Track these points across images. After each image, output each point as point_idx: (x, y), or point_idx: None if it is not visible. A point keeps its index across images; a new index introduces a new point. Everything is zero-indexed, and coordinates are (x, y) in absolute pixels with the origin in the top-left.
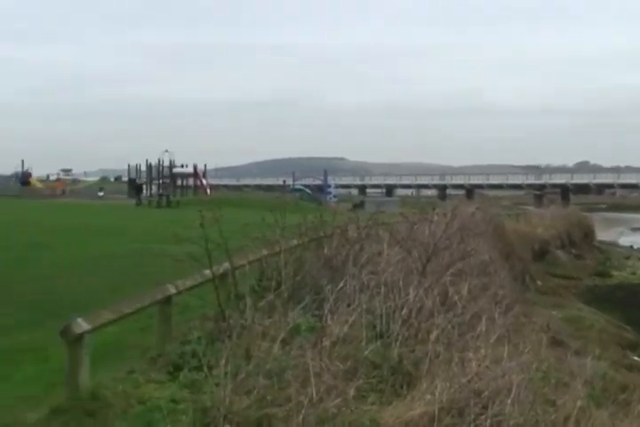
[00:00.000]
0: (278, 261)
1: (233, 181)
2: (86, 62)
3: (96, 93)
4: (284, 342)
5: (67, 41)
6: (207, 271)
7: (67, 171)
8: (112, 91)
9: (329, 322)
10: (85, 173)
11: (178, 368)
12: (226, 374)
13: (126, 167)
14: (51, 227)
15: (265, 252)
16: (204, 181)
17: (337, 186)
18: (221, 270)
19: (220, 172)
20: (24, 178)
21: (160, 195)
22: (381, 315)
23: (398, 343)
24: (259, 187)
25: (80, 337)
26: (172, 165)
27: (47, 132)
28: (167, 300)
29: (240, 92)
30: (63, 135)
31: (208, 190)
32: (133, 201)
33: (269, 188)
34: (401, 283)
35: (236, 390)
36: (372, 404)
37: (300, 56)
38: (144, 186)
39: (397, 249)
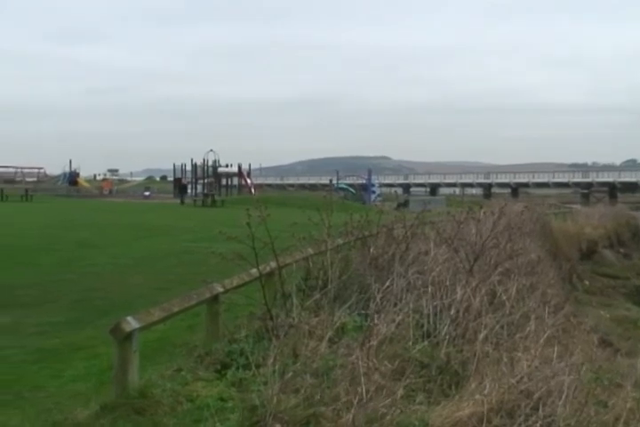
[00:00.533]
0: (324, 261)
1: (277, 181)
2: (138, 62)
3: (144, 94)
4: (331, 341)
5: (118, 40)
6: (254, 270)
7: (113, 171)
8: (160, 91)
9: (376, 321)
10: (131, 174)
11: (225, 367)
12: (273, 372)
13: (172, 167)
14: (98, 226)
15: (311, 251)
16: (249, 181)
17: (381, 185)
18: (268, 269)
19: (264, 171)
20: (72, 178)
21: (205, 194)
22: (429, 314)
23: (446, 343)
24: (302, 186)
25: (129, 335)
26: (216, 165)
27: (94, 133)
28: (214, 298)
29: (285, 91)
30: (110, 136)
31: (252, 190)
32: (177, 200)
33: (313, 187)
34: (448, 282)
35: (283, 389)
36: (420, 404)
37: (344, 55)
38: (188, 185)
39: (444, 248)
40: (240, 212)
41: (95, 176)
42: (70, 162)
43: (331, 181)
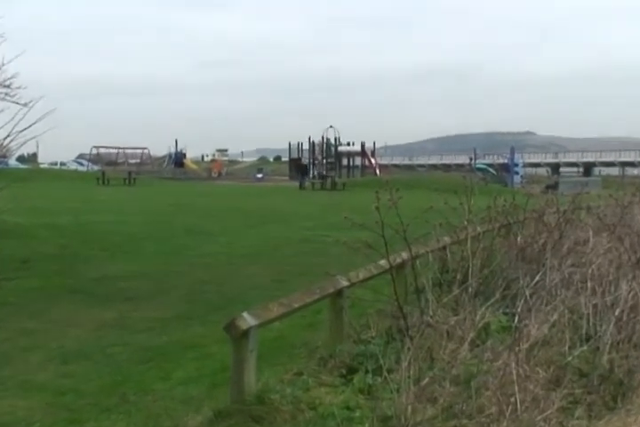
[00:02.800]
0: (464, 251)
1: (405, 161)
2: (253, 32)
3: (259, 67)
4: (473, 344)
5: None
6: (383, 261)
7: (223, 151)
8: (274, 64)
9: (526, 322)
10: (243, 154)
11: (352, 371)
12: (407, 378)
13: (286, 146)
14: (208, 211)
15: (448, 240)
16: (373, 161)
17: (525, 165)
18: (399, 260)
19: (390, 150)
20: (178, 159)
21: (324, 176)
22: (588, 314)
23: (608, 348)
24: (434, 166)
25: (246, 333)
26: (337, 144)
27: (203, 109)
28: (338, 293)
29: (413, 62)
30: (220, 113)
31: (377, 171)
32: (295, 183)
33: (447, 167)
34: (611, 276)
35: (419, 398)
36: (581, 418)
37: (485, 20)
38: (309, 166)
39: (605, 237)
40: (363, 195)
41: (203, 157)
42: (176, 142)
43: (471, 160)
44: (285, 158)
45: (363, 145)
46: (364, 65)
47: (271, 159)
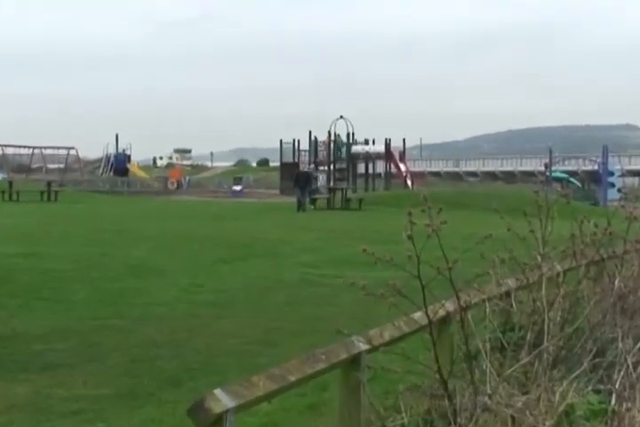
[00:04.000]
0: (536, 300)
1: (448, 166)
2: None
3: (234, 27)
4: None
5: None
6: (418, 315)
7: (184, 152)
8: (256, 22)
9: (626, 404)
10: (213, 156)
11: None
12: None
13: (275, 146)
14: (163, 241)
15: (514, 283)
16: (403, 167)
17: (624, 173)
18: (442, 313)
19: (428, 151)
20: (120, 164)
21: (332, 189)
22: None
23: None
24: (492, 175)
25: (220, 420)
26: (350, 142)
27: (155, 91)
28: (354, 360)
29: (463, 22)
30: (179, 95)
31: (409, 181)
32: (290, 199)
33: (510, 176)
34: None
35: None
36: None
37: None
38: (319, 176)
39: None
40: (389, 218)
41: (156, 161)
42: (117, 138)
43: (546, 166)
44: (275, 163)
45: (388, 144)
46: (386, 25)
47: (254, 164)
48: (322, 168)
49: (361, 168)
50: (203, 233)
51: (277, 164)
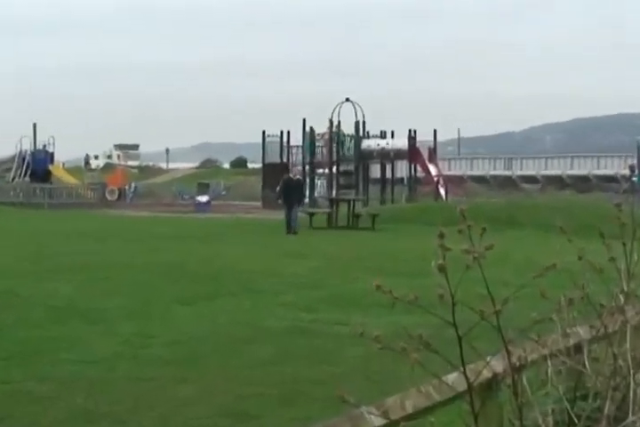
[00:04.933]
0: (618, 356)
1: (498, 169)
2: None
3: None
4: None
5: None
6: (453, 376)
7: (128, 149)
8: None
9: None
10: (169, 154)
11: None
12: None
13: (254, 141)
14: (99, 271)
15: (586, 333)
16: (434, 170)
17: None
18: (486, 375)
19: (468, 146)
20: (39, 165)
21: (334, 201)
22: None
23: None
24: (557, 180)
25: None
26: (359, 134)
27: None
28: None
29: None
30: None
31: (441, 190)
32: (276, 215)
33: (582, 182)
34: None
35: None
36: None
37: None
38: (305, 184)
39: None
40: (412, 240)
41: (89, 160)
42: (34, 129)
43: (632, 169)
44: (255, 164)
45: (412, 137)
46: None
47: (226, 165)
48: (320, 171)
49: (375, 171)
50: (154, 261)
51: (258, 165)
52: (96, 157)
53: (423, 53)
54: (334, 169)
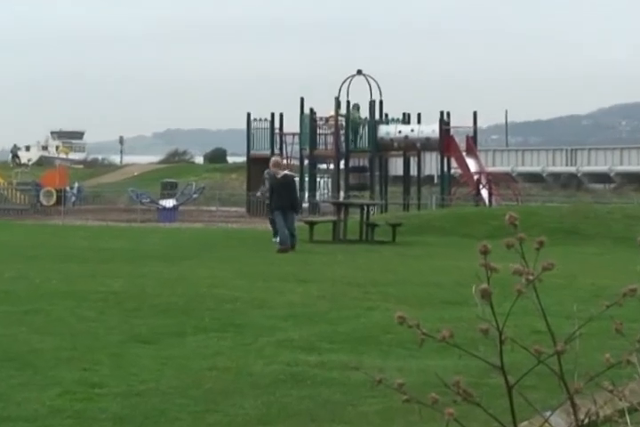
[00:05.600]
0: None
1: (557, 163)
2: None
3: None
4: None
5: None
6: None
7: (69, 138)
8: None
9: None
10: (124, 145)
11: None
12: None
13: (238, 127)
14: (30, 301)
15: None
16: (473, 164)
17: None
18: None
19: (519, 132)
20: None
21: (340, 205)
22: None
23: None
24: (636, 178)
25: None
26: (374, 117)
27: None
28: None
29: None
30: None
31: (483, 191)
32: (261, 224)
33: None
34: None
35: None
36: None
37: None
38: (307, 185)
39: None
40: (446, 258)
41: (15, 153)
42: None
43: None
44: (236, 158)
45: (446, 122)
46: None
47: (199, 159)
48: (324, 167)
49: (396, 167)
50: (103, 288)
51: (242, 159)
52: (27, 149)
53: (461, 16)
54: (342, 164)
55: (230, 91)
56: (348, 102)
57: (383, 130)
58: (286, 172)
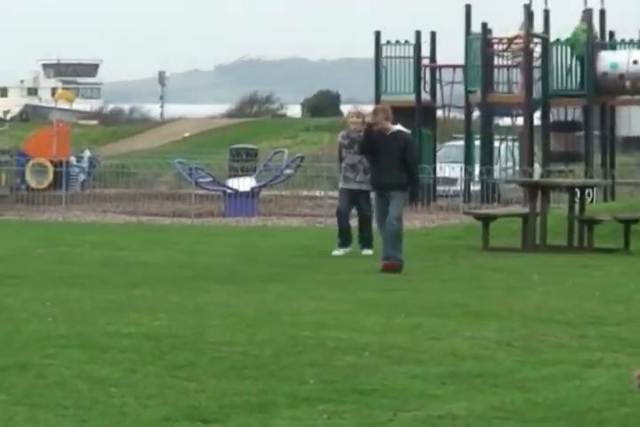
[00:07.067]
0: None
1: None
2: None
3: None
4: None
5: None
6: None
7: (74, 75)
8: None
9: None
10: (165, 81)
11: None
12: None
13: (359, 56)
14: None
15: None
16: None
17: None
18: None
19: None
20: None
21: (535, 187)
22: None
23: None
24: None
25: None
26: (590, 40)
27: None
28: None
29: None
30: None
31: None
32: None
33: None
34: None
35: None
36: None
37: None
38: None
39: None
40: None
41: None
42: None
43: None
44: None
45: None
46: None
47: (293, 111)
48: (501, 123)
49: (630, 122)
50: (133, 328)
51: (367, 107)
52: (4, 94)
53: None
54: (537, 118)
55: None
56: (547, 12)
57: (606, 59)
58: (399, 127)
